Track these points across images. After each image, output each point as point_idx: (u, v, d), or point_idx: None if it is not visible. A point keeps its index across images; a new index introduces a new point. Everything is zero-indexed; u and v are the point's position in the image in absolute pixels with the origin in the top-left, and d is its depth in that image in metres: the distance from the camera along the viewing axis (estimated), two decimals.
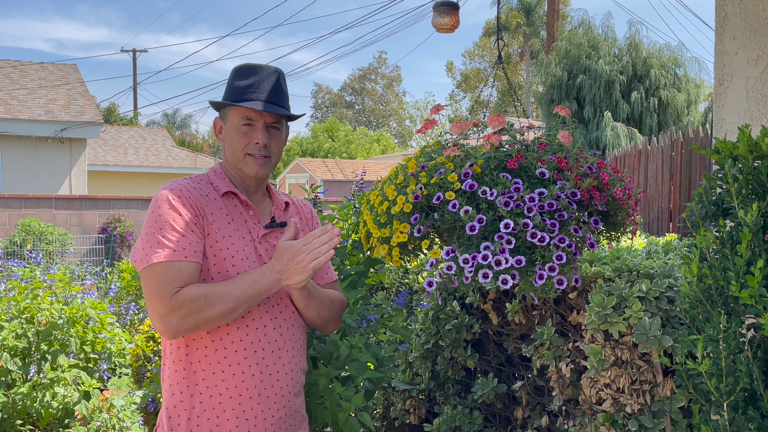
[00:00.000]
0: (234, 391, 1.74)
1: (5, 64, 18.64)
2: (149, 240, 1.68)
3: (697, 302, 1.67)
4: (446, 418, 2.98)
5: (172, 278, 1.65)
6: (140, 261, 1.68)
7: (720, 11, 2.62)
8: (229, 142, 1.84)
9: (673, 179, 7.50)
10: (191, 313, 1.64)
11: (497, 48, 3.24)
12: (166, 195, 1.72)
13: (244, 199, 1.83)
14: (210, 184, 1.82)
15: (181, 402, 1.75)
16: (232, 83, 1.84)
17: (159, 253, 1.65)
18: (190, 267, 1.68)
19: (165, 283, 1.64)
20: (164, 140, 24.81)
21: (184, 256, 1.67)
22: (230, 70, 1.88)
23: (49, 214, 12.24)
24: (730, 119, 2.57)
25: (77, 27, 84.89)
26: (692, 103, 14.65)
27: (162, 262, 1.65)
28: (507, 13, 33.05)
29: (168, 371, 1.79)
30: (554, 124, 2.27)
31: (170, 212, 1.69)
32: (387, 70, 49.83)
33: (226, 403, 1.74)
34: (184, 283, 1.66)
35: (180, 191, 1.74)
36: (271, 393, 1.78)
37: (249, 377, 1.75)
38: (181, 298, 1.63)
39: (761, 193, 1.65)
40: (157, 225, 1.69)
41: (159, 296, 1.64)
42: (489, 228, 1.95)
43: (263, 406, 1.77)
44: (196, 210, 1.73)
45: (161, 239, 1.67)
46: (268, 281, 1.72)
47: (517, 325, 2.90)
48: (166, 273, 1.65)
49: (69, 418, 4.38)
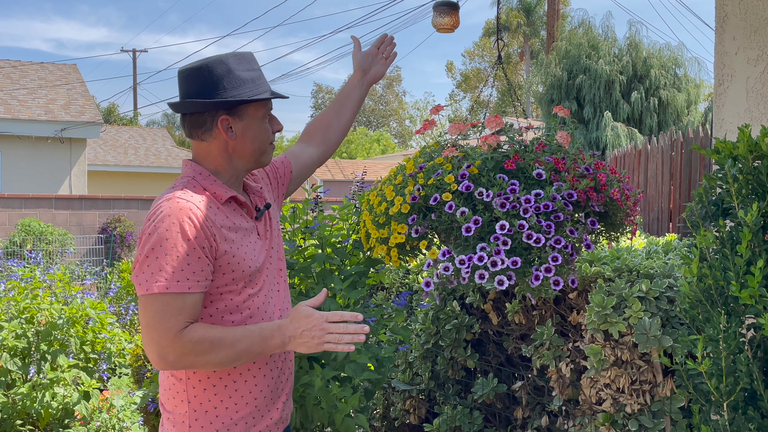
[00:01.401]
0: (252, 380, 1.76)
1: (5, 64, 18.64)
2: (151, 264, 1.58)
3: (697, 302, 1.67)
4: (446, 418, 2.98)
5: (177, 310, 1.58)
6: (140, 285, 1.60)
7: (720, 11, 2.62)
8: (252, 136, 1.75)
9: (673, 179, 7.50)
10: (192, 354, 1.59)
11: (497, 48, 3.24)
12: (174, 217, 1.60)
13: (243, 201, 1.78)
14: (206, 191, 1.71)
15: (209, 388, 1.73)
16: (236, 75, 1.73)
17: (161, 282, 1.57)
18: (195, 298, 1.61)
19: (170, 316, 1.57)
20: (164, 140, 24.80)
21: (188, 287, 1.59)
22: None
23: (49, 214, 12.24)
24: (730, 119, 2.56)
25: (77, 27, 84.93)
26: (692, 103, 14.65)
27: (165, 294, 1.57)
28: (507, 13, 33.06)
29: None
30: (554, 124, 2.27)
31: (177, 237, 1.59)
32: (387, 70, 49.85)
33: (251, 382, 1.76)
34: (189, 317, 1.59)
35: (189, 212, 1.62)
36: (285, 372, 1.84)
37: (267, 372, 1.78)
38: (187, 337, 1.58)
39: (761, 193, 1.65)
40: (162, 250, 1.58)
41: (164, 328, 1.57)
42: (485, 229, 1.95)
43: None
44: (204, 232, 1.63)
45: (165, 266, 1.58)
46: (274, 343, 1.66)
47: (517, 325, 2.90)
48: (170, 304, 1.57)
49: (69, 418, 4.38)
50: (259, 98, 1.74)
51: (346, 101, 2.17)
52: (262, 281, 1.76)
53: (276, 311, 1.80)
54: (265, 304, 1.76)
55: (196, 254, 1.59)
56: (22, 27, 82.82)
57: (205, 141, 1.75)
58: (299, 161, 2.08)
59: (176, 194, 1.65)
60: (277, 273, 1.85)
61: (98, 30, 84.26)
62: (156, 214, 1.62)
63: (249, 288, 1.72)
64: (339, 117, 2.15)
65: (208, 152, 1.76)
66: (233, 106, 1.72)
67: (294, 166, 2.06)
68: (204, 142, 1.75)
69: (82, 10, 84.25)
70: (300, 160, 2.09)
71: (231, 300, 1.69)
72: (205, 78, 1.72)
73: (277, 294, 1.83)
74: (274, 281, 1.83)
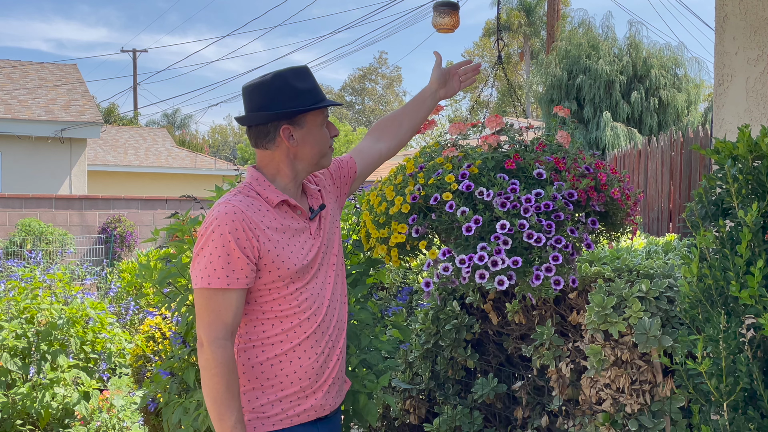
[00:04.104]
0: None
1: (5, 64, 18.64)
2: (199, 261, 1.82)
3: (697, 302, 1.67)
4: (446, 418, 2.98)
5: (218, 306, 1.79)
6: (193, 280, 1.84)
7: (720, 11, 2.62)
8: (313, 142, 1.94)
9: (673, 179, 7.50)
10: (204, 369, 1.79)
11: (497, 48, 3.24)
12: (220, 220, 1.81)
13: (294, 204, 1.93)
14: (259, 196, 1.90)
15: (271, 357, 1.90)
16: (294, 88, 1.90)
17: (204, 278, 1.79)
18: (235, 294, 1.81)
19: (211, 311, 1.79)
20: (164, 140, 24.80)
21: (227, 284, 1.79)
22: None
23: (49, 214, 12.25)
24: (730, 119, 2.56)
25: (77, 27, 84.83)
26: (692, 103, 14.65)
27: (207, 288, 1.79)
28: (507, 13, 33.05)
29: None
30: (554, 124, 2.27)
31: (219, 238, 1.79)
32: (387, 70, 49.85)
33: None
34: (230, 317, 1.80)
35: (234, 216, 1.81)
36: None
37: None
38: (218, 353, 1.78)
39: (761, 193, 1.65)
40: (208, 249, 1.80)
41: (204, 323, 1.79)
42: (486, 229, 1.95)
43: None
44: (247, 233, 1.82)
45: (209, 264, 1.79)
46: (224, 425, 1.80)
47: (517, 325, 2.90)
48: (212, 299, 1.80)
49: (69, 418, 4.39)
50: (316, 107, 1.91)
51: (420, 106, 2.31)
52: (311, 276, 1.93)
53: (325, 302, 1.95)
54: (313, 295, 1.93)
55: (236, 254, 1.79)
56: (22, 27, 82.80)
57: (269, 149, 1.93)
58: (365, 158, 2.23)
59: (229, 199, 1.87)
60: (330, 267, 2.00)
61: (98, 30, 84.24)
62: (209, 217, 1.84)
63: (297, 282, 1.89)
64: (411, 118, 2.30)
65: (271, 159, 1.94)
66: (293, 116, 1.91)
67: (359, 165, 2.21)
68: (268, 151, 1.93)
69: (82, 10, 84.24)
70: (366, 157, 2.23)
71: (279, 293, 1.87)
72: (266, 92, 1.91)
73: (328, 286, 1.98)
74: (326, 275, 1.99)
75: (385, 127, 2.30)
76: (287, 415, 1.89)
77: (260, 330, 1.89)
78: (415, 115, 2.31)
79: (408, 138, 2.34)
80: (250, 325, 1.90)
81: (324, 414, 1.96)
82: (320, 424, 1.96)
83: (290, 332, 1.89)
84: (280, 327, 1.89)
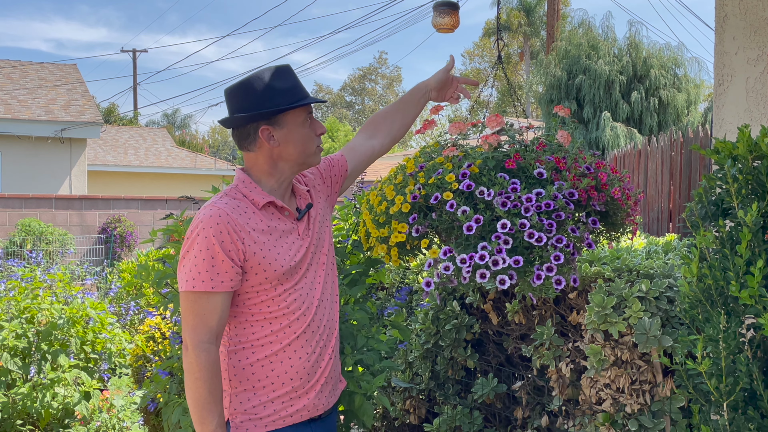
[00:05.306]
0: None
1: (5, 64, 18.64)
2: (185, 264, 1.82)
3: (697, 302, 1.67)
4: (446, 418, 2.98)
5: (203, 309, 1.79)
6: (179, 283, 1.84)
7: (720, 11, 2.62)
8: (297, 141, 1.91)
9: (673, 179, 7.50)
10: (188, 372, 1.80)
11: (497, 48, 3.24)
12: (205, 223, 1.80)
13: (281, 206, 1.91)
14: (245, 198, 1.89)
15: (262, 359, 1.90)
16: (272, 87, 1.87)
17: (189, 281, 1.79)
18: (220, 297, 1.81)
19: (196, 314, 1.79)
20: (164, 140, 24.80)
21: (211, 286, 1.79)
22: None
23: (49, 214, 12.25)
24: (730, 119, 2.57)
25: (77, 27, 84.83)
26: (692, 103, 14.64)
27: (192, 291, 1.79)
28: (507, 13, 33.05)
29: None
30: (554, 124, 2.27)
31: (204, 241, 1.79)
32: (387, 70, 49.84)
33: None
34: (215, 320, 1.79)
35: (218, 219, 1.81)
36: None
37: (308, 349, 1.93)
38: (202, 357, 1.78)
39: (761, 193, 1.65)
40: (193, 252, 1.80)
41: (190, 326, 1.80)
42: (486, 228, 1.95)
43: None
44: (231, 236, 1.81)
45: (194, 267, 1.79)
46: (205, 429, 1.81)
47: (517, 325, 2.90)
48: (197, 302, 1.80)
49: (69, 418, 4.39)
50: (294, 106, 1.89)
51: (413, 103, 2.31)
52: (300, 276, 1.92)
53: (315, 302, 1.94)
54: (302, 296, 1.92)
55: (220, 257, 1.79)
56: (22, 27, 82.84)
57: (252, 151, 1.91)
58: (357, 155, 2.22)
59: (214, 201, 1.86)
60: (320, 267, 1.99)
61: (98, 30, 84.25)
62: (195, 220, 1.84)
63: (285, 284, 1.88)
64: (404, 115, 2.30)
65: (255, 161, 1.92)
66: (271, 116, 1.88)
67: (350, 162, 2.20)
68: (251, 152, 1.92)
69: (82, 10, 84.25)
70: (358, 154, 2.23)
71: (267, 295, 1.87)
72: (245, 93, 1.89)
73: (318, 286, 1.97)
74: (315, 274, 1.98)
75: (378, 123, 2.29)
76: (280, 415, 1.89)
77: (249, 332, 1.89)
78: (408, 112, 2.30)
79: (401, 134, 2.33)
80: (239, 327, 1.89)
81: (317, 414, 1.96)
82: (314, 425, 1.96)
83: (280, 333, 1.88)
84: (270, 328, 1.88)
